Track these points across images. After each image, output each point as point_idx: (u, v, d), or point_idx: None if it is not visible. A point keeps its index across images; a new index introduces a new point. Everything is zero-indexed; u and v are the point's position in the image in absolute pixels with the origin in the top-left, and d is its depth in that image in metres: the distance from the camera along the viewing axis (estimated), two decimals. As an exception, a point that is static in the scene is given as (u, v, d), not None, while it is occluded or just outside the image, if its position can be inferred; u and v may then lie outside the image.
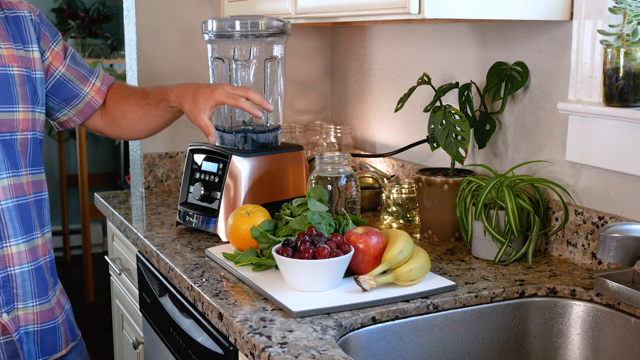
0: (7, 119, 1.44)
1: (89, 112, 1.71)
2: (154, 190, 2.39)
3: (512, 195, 1.58)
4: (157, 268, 1.75)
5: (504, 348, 1.47)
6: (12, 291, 1.45)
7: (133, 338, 2.07)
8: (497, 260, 1.61)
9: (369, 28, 2.39)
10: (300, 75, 2.59)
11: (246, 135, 1.85)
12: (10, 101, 1.44)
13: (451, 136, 1.73)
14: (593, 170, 1.60)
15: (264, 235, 1.54)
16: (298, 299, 1.36)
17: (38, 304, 1.50)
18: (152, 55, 2.35)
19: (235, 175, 1.78)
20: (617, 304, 1.40)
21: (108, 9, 5.24)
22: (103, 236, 5.29)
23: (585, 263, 1.60)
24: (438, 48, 2.06)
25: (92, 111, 1.72)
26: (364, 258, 1.44)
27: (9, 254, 1.44)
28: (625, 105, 1.48)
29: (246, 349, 1.25)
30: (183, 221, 1.87)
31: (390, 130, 2.32)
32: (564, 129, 1.66)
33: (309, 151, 2.44)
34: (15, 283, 1.46)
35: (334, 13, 1.76)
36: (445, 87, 1.85)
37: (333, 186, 1.71)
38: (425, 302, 1.39)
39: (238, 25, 1.83)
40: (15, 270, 1.45)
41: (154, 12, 2.34)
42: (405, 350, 1.38)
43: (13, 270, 1.45)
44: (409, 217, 1.97)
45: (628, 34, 1.46)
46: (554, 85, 1.69)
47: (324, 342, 1.21)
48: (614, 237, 1.31)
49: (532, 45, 1.74)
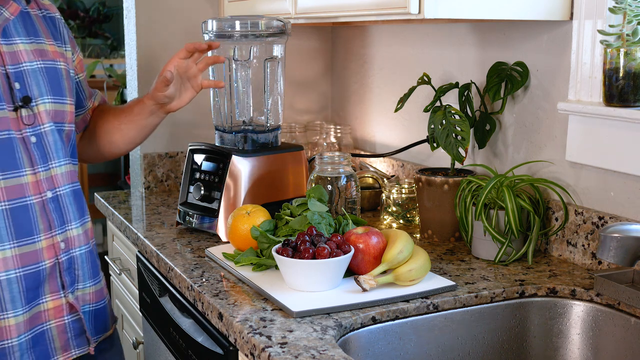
0: (60, 110, 1.51)
1: (81, 127, 1.75)
2: (154, 190, 2.39)
3: (512, 195, 1.58)
4: (157, 268, 1.75)
5: (504, 348, 1.47)
6: (75, 272, 1.52)
7: (133, 338, 2.07)
8: (497, 260, 1.61)
9: (369, 28, 2.39)
10: (300, 75, 2.59)
11: (246, 135, 1.85)
12: (61, 94, 1.52)
13: (451, 136, 1.73)
14: (593, 170, 1.60)
15: (264, 235, 1.54)
16: (298, 299, 1.36)
17: (92, 284, 1.57)
18: (152, 55, 2.35)
19: (235, 175, 1.78)
20: (617, 304, 1.40)
21: (108, 9, 5.24)
22: (103, 236, 5.28)
23: (585, 263, 1.60)
24: (438, 48, 2.06)
25: (83, 126, 1.75)
26: (364, 258, 1.44)
27: (72, 237, 1.51)
28: (625, 105, 1.48)
29: (246, 349, 1.25)
30: (183, 221, 1.87)
31: (390, 130, 2.32)
32: (564, 129, 1.66)
33: (309, 151, 2.44)
34: (77, 264, 1.53)
35: (334, 13, 1.76)
36: (445, 87, 1.85)
37: (333, 186, 1.71)
38: (425, 302, 1.39)
39: (238, 25, 1.83)
40: (76, 252, 1.52)
41: (154, 12, 2.34)
42: (405, 350, 1.38)
43: (75, 252, 1.52)
44: (409, 217, 1.97)
45: (628, 34, 1.46)
46: (554, 85, 1.69)
47: (324, 342, 1.21)
48: (614, 237, 1.30)
49: (532, 45, 1.74)
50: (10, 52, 1.43)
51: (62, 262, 1.48)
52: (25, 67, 1.44)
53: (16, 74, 1.42)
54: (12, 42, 1.44)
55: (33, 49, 1.47)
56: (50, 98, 1.48)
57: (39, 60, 1.47)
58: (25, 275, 1.42)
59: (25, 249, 1.42)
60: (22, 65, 1.44)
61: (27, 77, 1.44)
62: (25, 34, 1.47)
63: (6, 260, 1.39)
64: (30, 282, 1.43)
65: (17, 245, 1.41)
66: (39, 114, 1.45)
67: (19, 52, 1.44)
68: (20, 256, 1.41)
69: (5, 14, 1.43)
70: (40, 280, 1.45)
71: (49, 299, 1.47)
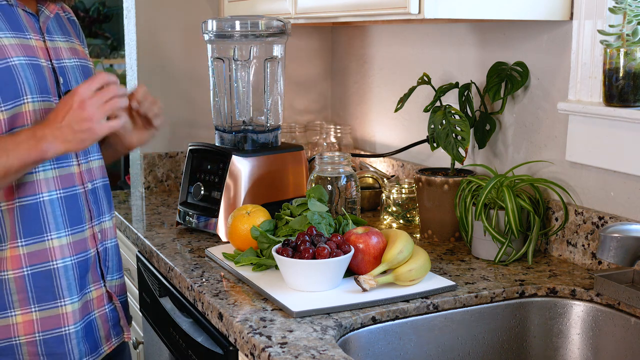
0: None
1: None
2: (154, 190, 2.39)
3: (512, 195, 1.58)
4: (157, 268, 1.75)
5: (504, 348, 1.47)
6: (107, 264, 1.56)
7: (133, 338, 2.07)
8: (497, 260, 1.61)
9: (369, 28, 2.39)
10: (300, 75, 2.59)
11: (246, 135, 1.85)
12: None
13: (451, 136, 1.73)
14: (593, 170, 1.60)
15: (264, 235, 1.54)
16: (298, 299, 1.36)
17: (118, 277, 1.60)
18: (152, 55, 2.35)
19: (235, 175, 1.78)
20: (617, 304, 1.40)
21: (108, 9, 5.24)
22: (103, 236, 5.28)
23: (585, 263, 1.60)
24: (438, 48, 2.06)
25: None
26: (364, 258, 1.44)
27: (105, 229, 1.55)
28: (625, 105, 1.48)
29: (246, 349, 1.25)
30: (183, 221, 1.87)
31: (390, 130, 2.32)
32: (564, 129, 1.66)
33: (309, 151, 2.44)
34: (109, 256, 1.56)
35: (334, 13, 1.76)
36: (445, 87, 1.85)
37: (333, 186, 1.71)
38: (425, 302, 1.39)
39: (238, 25, 1.83)
40: (108, 244, 1.56)
41: (154, 12, 2.34)
42: (405, 350, 1.38)
43: (107, 244, 1.56)
44: (409, 217, 1.97)
45: (628, 34, 1.46)
46: (554, 85, 1.69)
47: (324, 342, 1.21)
48: (614, 237, 1.30)
49: (532, 45, 1.74)
50: (54, 48, 1.47)
51: (100, 252, 1.52)
52: (66, 63, 1.48)
53: (60, 69, 1.46)
54: (53, 39, 1.48)
55: (68, 47, 1.52)
56: None
57: (74, 58, 1.52)
58: (78, 262, 1.46)
59: (77, 237, 1.46)
60: (63, 61, 1.48)
61: (68, 73, 1.48)
62: (61, 33, 1.51)
63: (62, 248, 1.43)
64: (82, 270, 1.47)
65: (72, 233, 1.44)
66: None
67: (60, 48, 1.48)
68: (74, 244, 1.45)
69: (46, 12, 1.47)
70: (88, 268, 1.48)
71: (93, 288, 1.51)
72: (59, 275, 1.42)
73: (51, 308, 1.42)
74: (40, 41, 1.44)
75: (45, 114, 1.39)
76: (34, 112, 1.37)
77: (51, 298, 1.42)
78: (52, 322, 1.42)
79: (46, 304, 1.41)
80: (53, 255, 1.41)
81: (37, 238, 1.40)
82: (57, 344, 1.42)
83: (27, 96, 1.36)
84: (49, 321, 1.42)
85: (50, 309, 1.42)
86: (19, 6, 1.42)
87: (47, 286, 1.41)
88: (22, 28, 1.41)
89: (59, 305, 1.42)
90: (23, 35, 1.40)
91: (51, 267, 1.41)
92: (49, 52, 1.44)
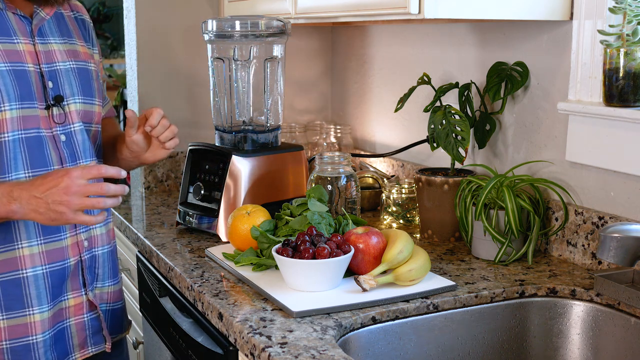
0: (89, 111, 1.54)
1: None
2: (154, 190, 2.39)
3: (512, 195, 1.58)
4: (157, 268, 1.75)
5: (504, 348, 1.47)
6: (95, 271, 1.55)
7: (133, 338, 2.07)
8: (497, 260, 1.61)
9: (369, 28, 2.39)
10: (300, 75, 2.59)
11: (246, 135, 1.85)
12: (91, 94, 1.55)
13: (451, 136, 1.73)
14: (593, 170, 1.60)
15: (264, 235, 1.54)
16: (298, 299, 1.36)
17: (112, 284, 1.60)
18: (152, 55, 2.35)
19: (235, 175, 1.78)
20: (617, 304, 1.40)
21: (108, 9, 5.24)
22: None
23: (585, 263, 1.60)
24: (438, 48, 2.06)
25: None
26: (364, 258, 1.44)
27: (95, 236, 1.54)
28: (625, 105, 1.48)
29: (246, 349, 1.25)
30: (183, 221, 1.87)
31: (390, 130, 2.32)
32: (564, 129, 1.66)
33: (309, 151, 2.44)
34: (98, 263, 1.55)
35: (334, 13, 1.76)
36: (445, 87, 1.85)
37: (333, 186, 1.71)
38: (425, 302, 1.39)
39: (238, 25, 1.83)
40: (98, 251, 1.55)
41: (154, 12, 2.34)
42: (405, 350, 1.38)
43: (97, 251, 1.55)
44: (409, 217, 1.97)
45: (628, 34, 1.46)
46: (554, 85, 1.69)
47: (324, 342, 1.21)
48: (614, 237, 1.30)
49: (532, 45, 1.74)
50: (45, 51, 1.45)
51: (84, 260, 1.51)
52: (59, 66, 1.47)
53: (50, 73, 1.44)
54: (46, 41, 1.46)
55: (66, 49, 1.50)
56: (81, 98, 1.51)
57: (71, 61, 1.50)
58: (51, 272, 1.44)
59: (52, 246, 1.44)
60: (56, 64, 1.46)
61: (60, 77, 1.47)
62: (59, 34, 1.50)
63: (33, 257, 1.42)
64: (55, 279, 1.45)
65: (44, 242, 1.43)
66: (69, 113, 1.48)
67: (53, 51, 1.47)
68: (47, 253, 1.44)
69: (42, 14, 1.46)
70: (64, 277, 1.47)
71: (70, 297, 1.50)
72: (28, 284, 1.41)
73: (19, 317, 1.41)
74: (30, 45, 1.42)
75: (26, 120, 1.38)
76: (11, 119, 1.37)
77: (19, 307, 1.41)
78: (20, 330, 1.42)
79: (14, 313, 1.41)
80: (23, 264, 1.41)
81: (8, 247, 1.40)
82: (24, 352, 1.42)
83: (5, 104, 1.36)
84: (16, 329, 1.41)
85: (18, 317, 1.41)
86: (8, 9, 1.41)
87: (17, 294, 1.41)
88: (9, 32, 1.40)
89: (27, 314, 1.42)
90: (9, 40, 1.39)
91: (21, 275, 1.41)
92: (39, 56, 1.43)
